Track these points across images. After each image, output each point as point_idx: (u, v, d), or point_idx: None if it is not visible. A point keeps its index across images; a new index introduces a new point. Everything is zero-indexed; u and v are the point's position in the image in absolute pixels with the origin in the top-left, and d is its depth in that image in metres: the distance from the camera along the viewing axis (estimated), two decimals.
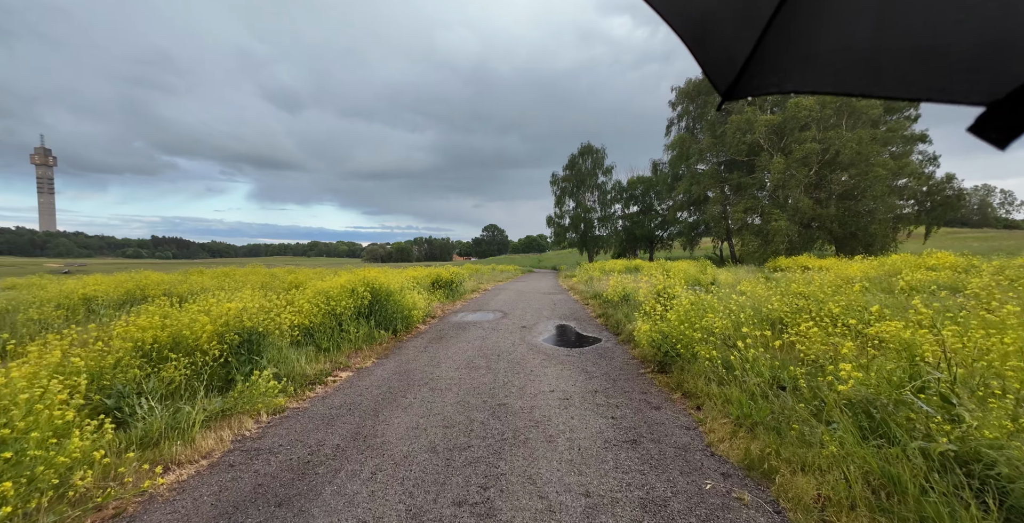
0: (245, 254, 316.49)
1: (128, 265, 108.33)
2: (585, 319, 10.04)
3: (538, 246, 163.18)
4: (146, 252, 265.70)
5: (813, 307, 5.75)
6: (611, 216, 53.75)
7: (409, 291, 9.32)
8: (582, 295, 15.05)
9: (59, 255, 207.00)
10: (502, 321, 9.68)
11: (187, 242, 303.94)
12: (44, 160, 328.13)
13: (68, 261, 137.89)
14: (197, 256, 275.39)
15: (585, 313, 11.07)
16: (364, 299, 7.63)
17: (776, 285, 12.14)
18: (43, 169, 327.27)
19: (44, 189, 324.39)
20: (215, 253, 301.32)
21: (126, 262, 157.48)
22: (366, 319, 7.65)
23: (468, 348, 6.83)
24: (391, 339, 7.56)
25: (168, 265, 30.37)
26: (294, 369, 5.08)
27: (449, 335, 8.01)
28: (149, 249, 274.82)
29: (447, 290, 14.31)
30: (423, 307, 9.51)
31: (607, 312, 9.92)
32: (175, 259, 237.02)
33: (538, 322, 9.52)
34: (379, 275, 8.53)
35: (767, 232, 31.67)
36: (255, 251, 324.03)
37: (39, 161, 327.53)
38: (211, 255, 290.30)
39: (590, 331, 8.48)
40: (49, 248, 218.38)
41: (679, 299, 5.84)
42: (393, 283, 8.65)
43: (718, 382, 4.23)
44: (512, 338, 7.65)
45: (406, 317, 8.23)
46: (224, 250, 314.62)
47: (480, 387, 4.75)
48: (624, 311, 9.24)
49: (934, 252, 14.96)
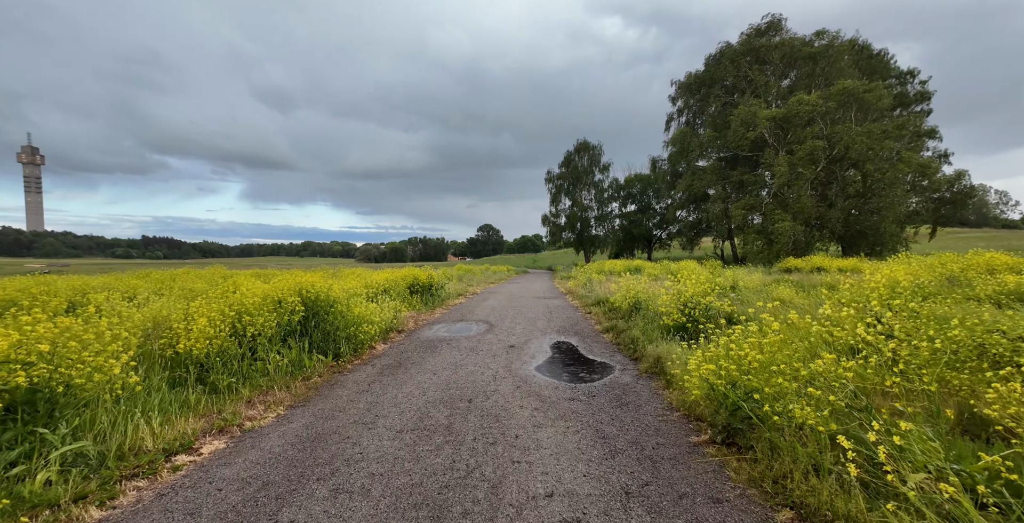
0: (238, 254, 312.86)
1: (112, 265, 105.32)
2: (589, 333, 8.08)
3: (533, 246, 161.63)
4: (136, 252, 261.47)
5: (931, 330, 3.83)
6: (608, 215, 51.92)
7: (360, 299, 7.28)
8: (582, 301, 13.08)
9: (46, 255, 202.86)
10: (485, 337, 7.71)
11: (178, 242, 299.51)
12: (31, 159, 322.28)
13: (51, 261, 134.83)
14: (189, 256, 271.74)
15: (588, 325, 9.10)
16: (294, 314, 5.64)
17: (817, 293, 10.27)
18: (30, 168, 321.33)
19: (31, 188, 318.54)
20: (207, 253, 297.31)
21: (112, 262, 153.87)
22: (299, 339, 5.67)
23: (430, 385, 4.85)
24: (330, 368, 5.56)
25: (154, 265, 28.59)
26: (127, 440, 3.10)
27: (411, 360, 6.02)
28: (139, 249, 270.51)
29: (425, 296, 12.29)
30: (384, 320, 7.50)
31: (616, 325, 7.97)
32: (166, 259, 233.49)
33: (530, 339, 7.56)
34: (317, 279, 6.50)
35: (771, 231, 29.95)
36: (248, 251, 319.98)
37: (26, 160, 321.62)
38: (203, 255, 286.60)
39: (598, 352, 6.53)
40: (36, 248, 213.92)
41: (752, 322, 3.88)
42: (340, 290, 6.65)
43: (846, 487, 2.30)
44: (494, 366, 5.67)
45: (353, 336, 6.23)
46: (216, 250, 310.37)
47: (423, 486, 2.74)
48: (640, 326, 7.29)
49: (979, 251, 13.09)
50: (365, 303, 7.32)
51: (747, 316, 6.75)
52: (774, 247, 29.89)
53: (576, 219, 50.68)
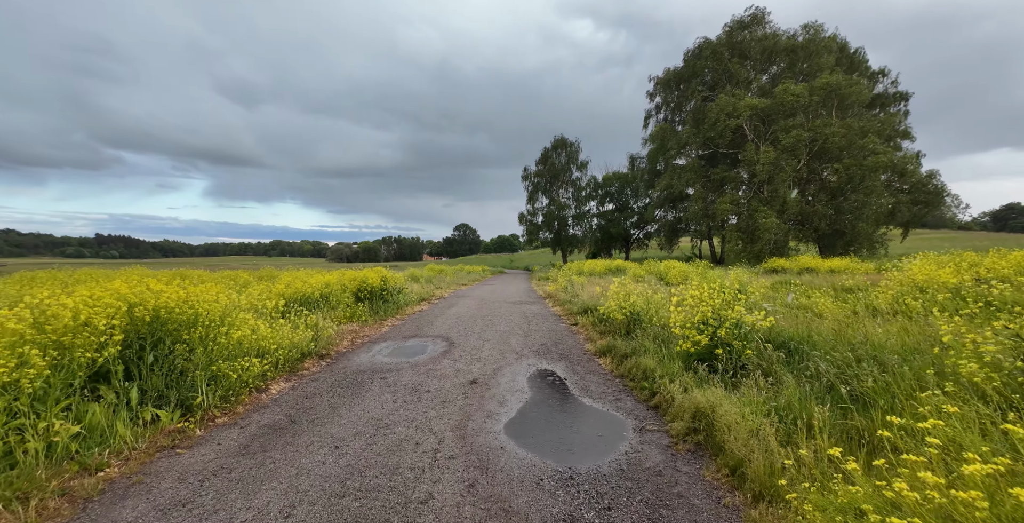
0: (202, 254, 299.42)
1: (55, 265, 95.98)
2: (579, 356, 6.08)
3: (510, 246, 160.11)
4: (89, 251, 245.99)
5: None
6: (586, 214, 50.45)
7: (248, 315, 5.02)
8: (565, 308, 11.09)
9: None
10: (440, 364, 5.61)
11: (137, 241, 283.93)
12: None
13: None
14: (148, 255, 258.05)
15: (576, 342, 7.10)
16: (108, 347, 3.43)
17: (844, 299, 8.60)
18: None
19: None
20: (168, 252, 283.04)
21: (59, 262, 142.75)
22: (123, 384, 3.48)
23: (316, 482, 2.70)
24: (165, 435, 3.38)
25: (105, 265, 25.45)
26: None
27: (312, 415, 3.87)
28: (93, 248, 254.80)
29: (375, 303, 10.03)
30: (294, 344, 5.30)
31: (614, 345, 5.98)
32: (122, 259, 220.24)
33: (501, 366, 5.49)
34: (171, 289, 4.23)
35: (754, 229, 28.95)
36: (213, 250, 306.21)
37: None
38: (163, 254, 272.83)
39: (597, 393, 4.52)
40: None
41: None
42: (211, 301, 4.41)
43: None
44: (441, 426, 3.58)
45: (223, 376, 4.04)
46: (178, 249, 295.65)
47: None
48: (649, 348, 5.35)
49: (1002, 250, 11.81)
50: (259, 322, 5.07)
51: (802, 340, 4.93)
52: (756, 245, 28.90)
53: (553, 218, 48.99)
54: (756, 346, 4.65)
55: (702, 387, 4.03)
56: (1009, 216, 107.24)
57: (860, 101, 28.93)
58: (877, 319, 5.82)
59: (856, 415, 2.82)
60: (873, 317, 6.40)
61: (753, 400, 3.44)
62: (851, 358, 3.70)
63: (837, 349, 4.27)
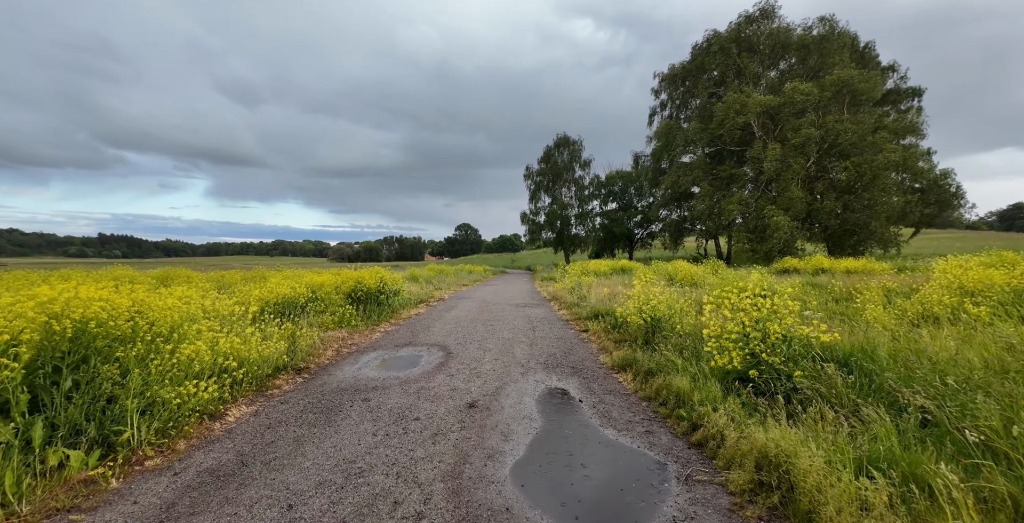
0: (204, 253, 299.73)
1: (56, 265, 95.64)
2: (594, 371, 5.30)
3: (512, 246, 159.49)
4: (92, 251, 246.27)
5: None
6: (589, 213, 49.58)
7: (208, 325, 4.22)
8: (573, 312, 10.30)
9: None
10: (433, 380, 4.85)
11: (139, 240, 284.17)
12: None
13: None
14: (150, 255, 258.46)
15: (588, 352, 6.32)
16: (1, 370, 2.67)
17: (895, 306, 7.77)
18: None
19: None
20: (170, 252, 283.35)
21: (60, 261, 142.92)
22: (27, 417, 2.73)
23: None
24: (72, 487, 2.62)
25: (102, 265, 24.96)
26: None
27: (269, 455, 3.04)
28: (95, 247, 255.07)
29: (369, 306, 9.27)
30: (265, 358, 4.54)
31: (634, 359, 5.17)
32: (125, 258, 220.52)
33: (505, 384, 4.73)
34: (101, 293, 3.45)
35: (763, 229, 28.11)
36: (215, 250, 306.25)
37: None
38: (166, 254, 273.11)
39: (621, 420, 3.72)
40: None
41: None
42: (165, 309, 3.65)
43: None
44: (429, 472, 2.77)
45: (163, 404, 3.27)
46: (181, 249, 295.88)
47: None
48: (678, 364, 4.57)
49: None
50: (223, 333, 4.31)
51: (864, 357, 4.13)
52: (765, 245, 28.05)
53: (556, 217, 48.16)
54: (810, 365, 3.87)
55: (754, 417, 3.25)
56: (1017, 215, 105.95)
57: (873, 97, 28.07)
58: (940, 330, 5.02)
59: (996, 475, 2.05)
60: (928, 326, 5.61)
61: (829, 439, 2.68)
62: (953, 385, 2.91)
63: (915, 370, 3.49)
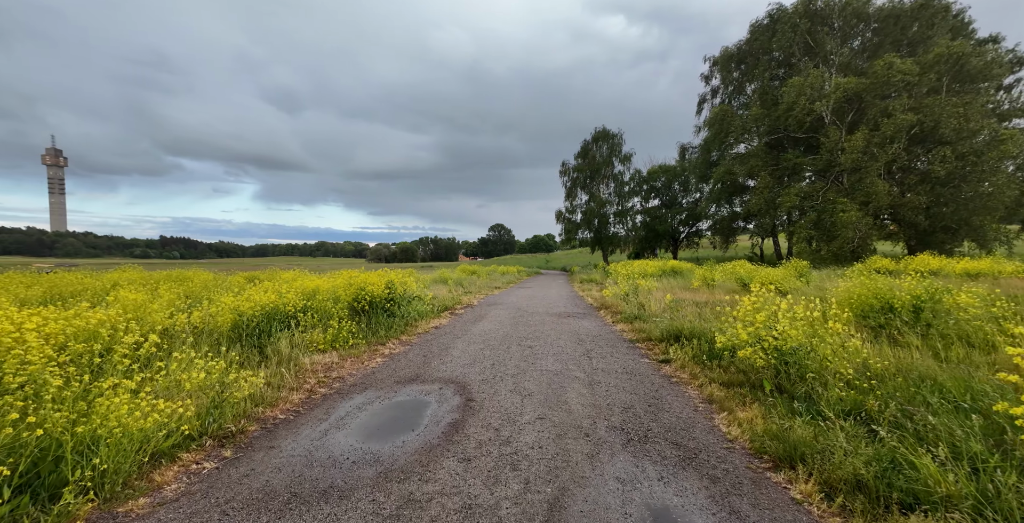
0: (253, 254, 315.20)
1: (116, 264, 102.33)
2: (726, 464, 3.04)
3: (546, 246, 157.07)
4: (154, 252, 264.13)
5: None
6: (628, 210, 46.52)
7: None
8: (634, 327, 8.04)
9: (67, 255, 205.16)
10: (437, 470, 2.74)
11: (195, 242, 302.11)
12: (55, 161, 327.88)
13: (60, 261, 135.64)
14: (204, 256, 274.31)
15: (690, 410, 4.09)
16: None
17: None
18: (54, 170, 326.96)
19: (55, 190, 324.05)
20: (223, 253, 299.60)
21: (124, 262, 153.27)
22: None
23: None
24: None
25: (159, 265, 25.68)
26: None
27: None
28: (157, 249, 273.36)
29: (376, 317, 7.47)
30: (113, 435, 2.76)
31: (791, 434, 3.00)
32: (182, 259, 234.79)
33: (565, 491, 2.55)
34: None
35: (831, 225, 24.60)
36: (263, 251, 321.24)
37: (50, 162, 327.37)
38: (218, 255, 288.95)
39: None
40: (58, 248, 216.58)
41: None
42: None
43: None
44: None
45: None
46: (232, 250, 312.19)
47: None
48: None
49: None
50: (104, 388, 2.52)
51: None
52: (834, 244, 24.51)
53: (593, 215, 45.46)
54: None
55: None
56: None
57: (987, 75, 23.96)
58: None
59: None
60: None
61: None
62: None
63: None
